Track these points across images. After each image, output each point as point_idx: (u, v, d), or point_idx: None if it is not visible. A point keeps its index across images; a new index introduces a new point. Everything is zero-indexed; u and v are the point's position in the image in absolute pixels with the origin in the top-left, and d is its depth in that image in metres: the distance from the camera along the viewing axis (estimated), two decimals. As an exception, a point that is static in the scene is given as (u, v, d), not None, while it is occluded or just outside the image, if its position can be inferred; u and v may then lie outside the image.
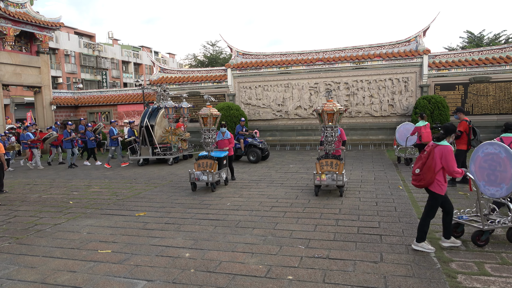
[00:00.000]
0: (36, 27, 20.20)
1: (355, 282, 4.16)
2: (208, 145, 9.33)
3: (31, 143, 15.20)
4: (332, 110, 8.20)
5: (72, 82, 42.07)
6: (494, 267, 4.41)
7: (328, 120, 8.27)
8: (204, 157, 9.30)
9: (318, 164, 8.44)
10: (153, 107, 15.46)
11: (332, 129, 8.32)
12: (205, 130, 9.32)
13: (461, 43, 33.69)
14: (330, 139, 8.36)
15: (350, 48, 18.81)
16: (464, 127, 8.67)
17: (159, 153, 14.48)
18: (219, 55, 40.16)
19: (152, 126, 14.79)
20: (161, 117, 15.21)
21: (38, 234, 6.37)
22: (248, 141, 14.04)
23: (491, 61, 16.55)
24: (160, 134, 15.20)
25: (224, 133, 10.10)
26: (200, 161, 9.26)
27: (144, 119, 14.89)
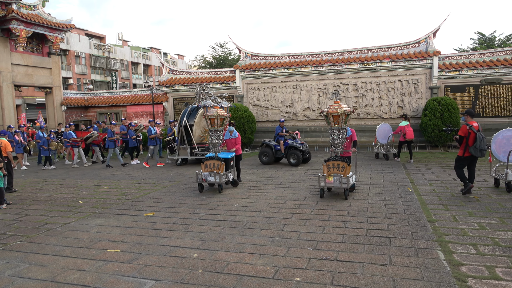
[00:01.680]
0: (48, 29, 20.49)
1: (363, 284, 4.13)
2: (215, 146, 9.31)
3: (72, 142, 15.40)
4: (337, 112, 8.00)
5: (82, 83, 42.54)
6: (505, 271, 4.34)
7: (334, 122, 8.11)
8: (211, 158, 9.23)
9: (325, 166, 8.29)
10: (192, 106, 15.07)
11: (339, 131, 8.15)
12: (212, 131, 9.29)
13: (472, 45, 33.36)
14: (337, 141, 8.23)
15: (359, 49, 18.73)
16: (463, 131, 7.90)
17: (197, 153, 14.20)
18: (227, 56, 40.27)
19: (191, 126, 14.44)
20: (200, 116, 14.77)
21: (48, 233, 6.45)
22: (288, 143, 13.44)
23: (502, 63, 16.34)
24: (199, 134, 14.82)
25: (232, 132, 10.01)
26: (207, 162, 9.20)
27: (183, 118, 14.53)
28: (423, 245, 5.22)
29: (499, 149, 8.66)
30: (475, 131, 7.69)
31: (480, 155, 7.71)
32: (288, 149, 13.42)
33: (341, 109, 7.97)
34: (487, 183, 9.25)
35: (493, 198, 7.77)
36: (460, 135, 7.96)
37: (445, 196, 8.11)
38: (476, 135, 7.65)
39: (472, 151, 7.72)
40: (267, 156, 13.80)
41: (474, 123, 7.86)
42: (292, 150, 13.33)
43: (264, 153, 13.84)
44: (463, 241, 5.32)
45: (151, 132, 14.89)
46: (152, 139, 14.87)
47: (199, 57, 43.79)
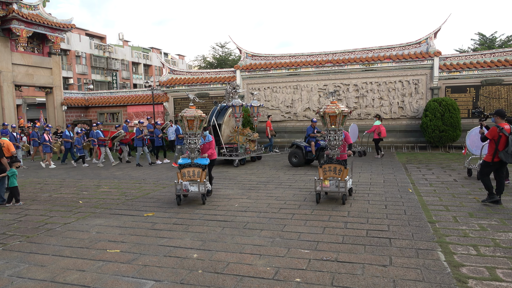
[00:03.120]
0: (48, 29, 20.50)
1: (363, 285, 4.12)
2: (193, 151, 8.20)
3: (99, 141, 15.38)
4: (334, 112, 7.61)
5: (83, 83, 42.58)
6: (506, 272, 4.33)
7: (331, 122, 7.74)
8: (189, 165, 8.20)
9: (321, 169, 7.95)
10: (221, 105, 14.67)
11: (336, 133, 7.80)
12: (190, 134, 8.15)
13: (473, 45, 33.35)
14: (333, 143, 7.86)
15: (360, 49, 18.73)
16: (492, 134, 7.14)
17: (225, 154, 13.75)
18: (228, 56, 40.28)
19: (220, 125, 14.08)
20: (229, 116, 14.49)
21: (48, 233, 6.44)
22: (319, 144, 12.68)
23: (503, 63, 16.32)
24: (227, 133, 14.52)
25: (206, 137, 8.90)
26: (185, 170, 8.13)
27: (211, 118, 14.16)
28: (423, 246, 5.21)
29: (472, 144, 10.34)
30: (506, 134, 6.94)
31: (510, 161, 6.93)
32: (319, 151, 12.64)
33: (339, 109, 7.63)
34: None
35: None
36: (486, 137, 7.35)
37: (446, 197, 8.10)
38: (508, 138, 6.90)
39: (502, 156, 6.95)
40: (297, 157, 13.14)
41: (506, 125, 7.07)
42: (323, 152, 12.13)
43: (294, 154, 13.24)
44: (464, 242, 5.30)
45: (179, 131, 14.56)
46: (180, 139, 14.50)
47: (200, 57, 43.88)
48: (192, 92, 21.07)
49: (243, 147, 14.08)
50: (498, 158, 7.06)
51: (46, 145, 15.47)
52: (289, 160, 13.44)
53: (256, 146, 15.03)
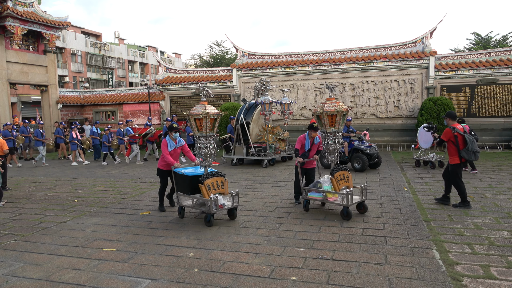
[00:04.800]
0: (44, 26, 20.36)
1: (359, 284, 4.14)
2: (206, 157, 6.70)
3: (130, 138, 15.32)
4: (333, 112, 6.74)
5: (79, 81, 42.37)
6: (500, 270, 4.37)
7: (330, 123, 6.87)
8: (212, 174, 6.68)
9: (334, 179, 6.77)
10: (250, 103, 14.18)
11: (335, 135, 6.95)
12: (200, 136, 6.66)
13: (468, 45, 33.50)
14: (332, 147, 6.98)
15: (356, 49, 18.76)
16: (448, 135, 7.18)
17: (253, 154, 13.24)
18: (224, 55, 40.22)
19: (248, 124, 13.55)
20: (257, 114, 13.90)
21: (43, 232, 6.41)
22: (353, 145, 11.74)
23: (498, 63, 16.42)
24: (256, 132, 14.00)
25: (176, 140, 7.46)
26: (209, 182, 6.49)
27: (239, 116, 13.68)
28: (418, 244, 5.24)
29: (421, 139, 11.98)
30: (461, 133, 6.99)
31: (474, 158, 6.95)
32: (353, 152, 11.70)
33: (339, 107, 6.76)
34: (482, 183, 9.30)
35: (488, 197, 7.81)
36: (442, 139, 7.33)
37: (441, 195, 8.13)
38: (465, 136, 6.97)
39: (465, 155, 6.93)
40: (325, 158, 11.85)
41: (458, 126, 7.15)
42: (357, 153, 11.56)
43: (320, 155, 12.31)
44: (459, 241, 5.34)
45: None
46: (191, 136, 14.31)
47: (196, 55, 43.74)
48: (189, 90, 21.04)
49: (273, 146, 13.49)
50: (464, 159, 7.08)
51: (73, 143, 15.49)
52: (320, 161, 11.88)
53: (287, 145, 14.36)
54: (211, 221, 6.37)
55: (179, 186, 7.02)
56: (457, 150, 7.03)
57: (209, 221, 6.36)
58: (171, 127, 7.33)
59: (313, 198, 7.08)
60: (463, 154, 6.96)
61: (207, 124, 6.55)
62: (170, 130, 7.33)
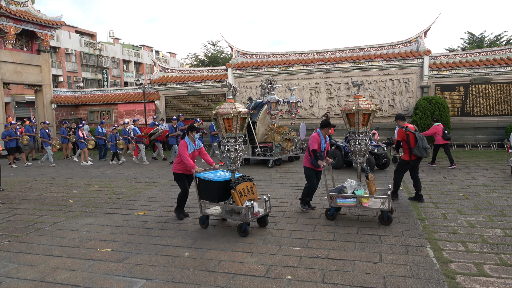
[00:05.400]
0: (37, 26, 20.23)
1: (354, 282, 4.16)
2: (235, 160, 6.15)
3: (137, 138, 15.22)
4: (368, 110, 6.28)
5: (73, 81, 42.13)
6: (493, 268, 4.41)
7: (363, 122, 6.39)
8: (242, 179, 6.12)
9: (369, 182, 6.49)
10: (256, 102, 13.90)
11: (366, 135, 6.51)
12: (229, 137, 6.09)
13: (462, 44, 33.68)
14: (364, 148, 6.55)
15: (351, 48, 18.82)
16: (401, 135, 7.59)
17: (259, 153, 13.03)
18: (220, 54, 40.14)
19: (254, 123, 13.21)
20: (264, 113, 13.61)
21: (37, 232, 6.38)
22: None
23: (491, 62, 16.54)
24: (262, 132, 13.76)
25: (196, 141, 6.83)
26: (241, 187, 5.96)
27: None
28: (413, 242, 5.28)
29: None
30: (412, 131, 7.42)
31: (425, 155, 7.36)
32: None
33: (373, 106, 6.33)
34: (476, 181, 9.37)
35: (481, 196, 7.88)
36: (398, 140, 7.72)
37: (435, 194, 8.20)
38: (416, 135, 7.39)
39: (417, 152, 7.33)
40: (335, 158, 11.92)
41: (409, 125, 7.57)
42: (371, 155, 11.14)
43: (331, 155, 11.90)
44: (452, 239, 5.38)
45: (213, 128, 14.12)
46: (214, 136, 14.17)
47: (191, 55, 43.54)
48: (184, 90, 20.99)
49: (279, 146, 13.21)
50: (415, 156, 7.44)
51: (81, 142, 15.45)
52: None
53: (294, 145, 14.04)
54: (247, 230, 5.73)
55: (203, 193, 6.23)
56: (409, 148, 7.46)
57: (245, 231, 5.72)
58: (191, 127, 6.62)
59: (344, 205, 6.38)
60: (415, 152, 7.37)
61: (237, 124, 6.00)
62: (190, 130, 6.64)
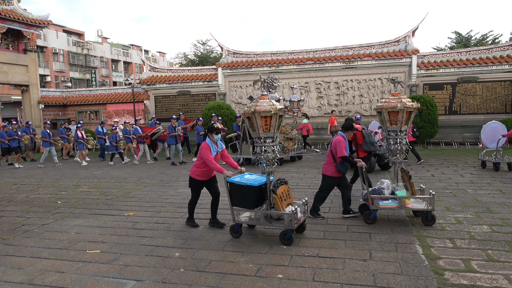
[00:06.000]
0: (24, 25, 19.92)
1: (344, 280, 4.19)
2: (272, 162, 5.77)
3: (138, 138, 15.01)
4: (395, 107, 5.96)
5: (61, 81, 41.56)
6: (480, 263, 4.48)
7: (392, 121, 6.15)
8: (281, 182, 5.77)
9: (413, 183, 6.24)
10: None
11: (397, 134, 6.19)
12: (266, 137, 5.60)
13: (449, 44, 34.15)
14: (394, 147, 6.25)
15: (340, 47, 18.93)
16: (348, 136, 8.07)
17: None
18: (209, 54, 40.06)
19: None
20: None
21: (25, 234, 6.29)
22: None
23: (478, 61, 16.80)
24: None
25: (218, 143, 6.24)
26: (280, 192, 5.54)
27: None
28: (402, 240, 5.33)
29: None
30: (359, 130, 8.02)
31: (373, 149, 8.00)
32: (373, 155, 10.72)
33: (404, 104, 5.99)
34: (464, 179, 9.50)
35: (469, 193, 7.99)
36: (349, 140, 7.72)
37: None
38: (362, 132, 7.99)
39: (365, 147, 7.97)
40: None
41: (356, 125, 8.16)
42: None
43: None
44: (441, 236, 5.45)
45: None
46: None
47: (181, 54, 43.37)
48: (174, 89, 20.88)
49: (281, 146, 12.87)
50: (364, 153, 8.00)
51: (79, 142, 15.25)
52: None
53: (296, 144, 13.73)
54: (292, 238, 5.29)
55: (237, 199, 5.65)
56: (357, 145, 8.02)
57: (289, 239, 5.28)
58: (212, 128, 6.07)
59: (387, 207, 6.14)
60: (364, 147, 7.95)
61: (276, 123, 5.53)
62: (210, 131, 6.08)
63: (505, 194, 7.79)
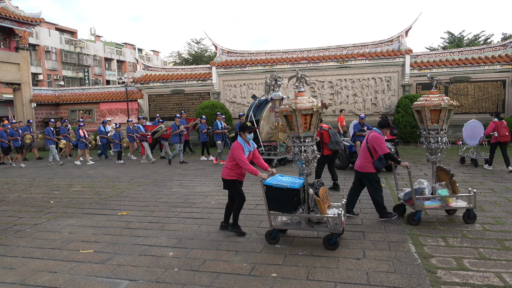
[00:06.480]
0: (15, 23, 19.70)
1: (338, 278, 4.21)
2: (311, 163, 5.40)
3: (140, 136, 14.84)
4: (437, 106, 5.86)
5: (53, 79, 41.21)
6: (472, 262, 4.52)
7: (432, 119, 6.05)
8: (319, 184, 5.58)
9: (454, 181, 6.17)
10: (260, 100, 13.48)
11: (437, 133, 6.12)
12: (305, 136, 5.30)
13: (442, 44, 34.40)
14: (434, 146, 6.17)
15: (334, 47, 18.98)
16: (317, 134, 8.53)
17: (263, 152, 12.55)
18: (204, 53, 39.95)
19: (258, 122, 12.93)
20: (268, 111, 13.21)
21: (17, 234, 6.23)
22: None
23: (470, 61, 16.95)
24: (267, 130, 13.35)
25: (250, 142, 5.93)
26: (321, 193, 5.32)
27: (249, 113, 13.06)
28: (395, 238, 5.37)
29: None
30: (326, 129, 8.50)
31: (338, 148, 8.42)
32: None
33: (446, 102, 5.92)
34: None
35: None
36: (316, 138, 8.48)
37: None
38: (328, 131, 8.46)
39: (331, 147, 8.36)
40: (339, 159, 11.27)
41: (323, 125, 8.64)
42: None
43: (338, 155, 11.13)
44: (433, 234, 5.50)
45: (218, 127, 13.92)
46: (218, 134, 13.91)
47: (175, 53, 43.19)
48: (167, 88, 20.80)
49: (284, 145, 12.82)
50: (329, 151, 8.44)
51: (81, 142, 15.12)
52: None
53: None
54: (337, 242, 5.05)
55: (275, 203, 5.32)
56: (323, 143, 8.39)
57: (335, 243, 5.04)
58: (244, 127, 5.74)
59: (431, 207, 6.10)
60: (330, 146, 8.36)
61: (316, 121, 5.26)
62: (242, 130, 5.71)
63: (496, 193, 7.88)
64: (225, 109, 18.55)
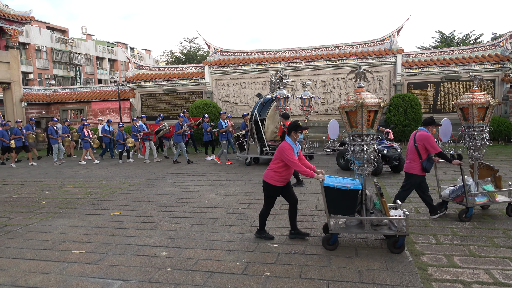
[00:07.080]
0: (5, 21, 19.48)
1: (330, 277, 4.24)
2: (368, 163, 5.08)
3: (143, 135, 14.71)
4: (485, 103, 5.95)
5: (44, 78, 40.76)
6: (462, 259, 4.58)
7: (478, 117, 6.04)
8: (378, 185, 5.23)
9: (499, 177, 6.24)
10: (265, 98, 13.24)
11: (482, 130, 6.14)
12: (355, 135, 5.06)
13: (433, 43, 34.68)
14: (480, 143, 6.15)
15: (327, 46, 19.04)
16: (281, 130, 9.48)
17: (268, 152, 12.31)
18: (196, 52, 39.80)
19: (263, 121, 12.68)
20: (273, 110, 12.99)
21: (8, 235, 6.17)
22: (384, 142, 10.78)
23: (461, 61, 17.12)
24: (272, 129, 13.13)
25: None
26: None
27: (254, 112, 12.81)
28: (387, 236, 5.40)
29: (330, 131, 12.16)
30: None
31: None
32: None
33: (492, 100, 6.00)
34: (446, 176, 9.69)
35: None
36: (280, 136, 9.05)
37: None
38: None
39: None
40: (345, 159, 11.10)
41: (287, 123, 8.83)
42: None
43: (342, 155, 11.29)
44: (425, 232, 5.56)
45: (222, 126, 13.74)
46: (223, 134, 13.76)
47: (167, 52, 43.03)
48: (160, 87, 20.70)
49: None
50: None
51: (86, 141, 15.00)
52: (337, 162, 11.51)
53: (307, 143, 13.02)
54: (404, 245, 4.85)
55: (336, 205, 5.01)
56: None
57: (402, 246, 4.83)
58: (296, 126, 5.28)
59: (480, 203, 6.19)
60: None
61: (380, 118, 4.98)
62: (294, 129, 5.27)
63: (486, 191, 7.96)
64: (218, 108, 18.51)
